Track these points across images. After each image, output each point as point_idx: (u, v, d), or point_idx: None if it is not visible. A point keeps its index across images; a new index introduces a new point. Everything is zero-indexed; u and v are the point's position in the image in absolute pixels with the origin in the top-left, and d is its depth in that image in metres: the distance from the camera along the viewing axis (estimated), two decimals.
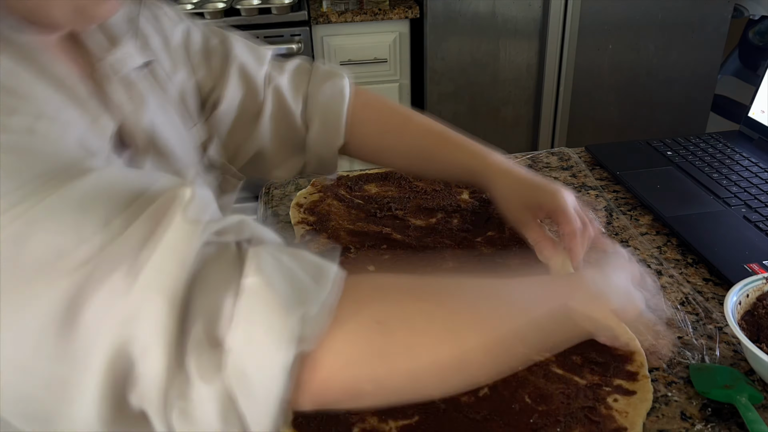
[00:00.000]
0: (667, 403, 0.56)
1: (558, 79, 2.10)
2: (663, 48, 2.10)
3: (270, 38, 1.94)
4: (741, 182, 0.89)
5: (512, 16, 2.01)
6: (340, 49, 2.03)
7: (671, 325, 0.65)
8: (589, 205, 0.88)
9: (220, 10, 1.91)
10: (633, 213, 0.86)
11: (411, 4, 2.04)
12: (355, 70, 2.07)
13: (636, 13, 2.03)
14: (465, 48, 2.04)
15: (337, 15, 1.97)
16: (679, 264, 0.75)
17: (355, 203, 0.85)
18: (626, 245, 0.79)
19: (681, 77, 2.17)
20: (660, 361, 0.60)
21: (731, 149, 0.98)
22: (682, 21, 2.07)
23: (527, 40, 2.05)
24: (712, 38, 2.11)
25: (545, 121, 2.17)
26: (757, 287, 0.62)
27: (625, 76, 2.14)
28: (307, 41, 1.96)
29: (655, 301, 0.56)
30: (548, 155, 1.03)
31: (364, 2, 2.04)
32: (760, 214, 0.81)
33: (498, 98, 2.14)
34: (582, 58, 2.08)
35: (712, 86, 2.21)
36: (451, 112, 2.14)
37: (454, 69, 2.07)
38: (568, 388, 0.56)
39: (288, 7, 1.94)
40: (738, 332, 0.55)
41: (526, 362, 0.56)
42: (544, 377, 0.57)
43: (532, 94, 2.15)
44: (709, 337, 0.64)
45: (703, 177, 0.91)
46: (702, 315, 0.67)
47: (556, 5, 1.98)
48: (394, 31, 2.04)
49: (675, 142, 1.02)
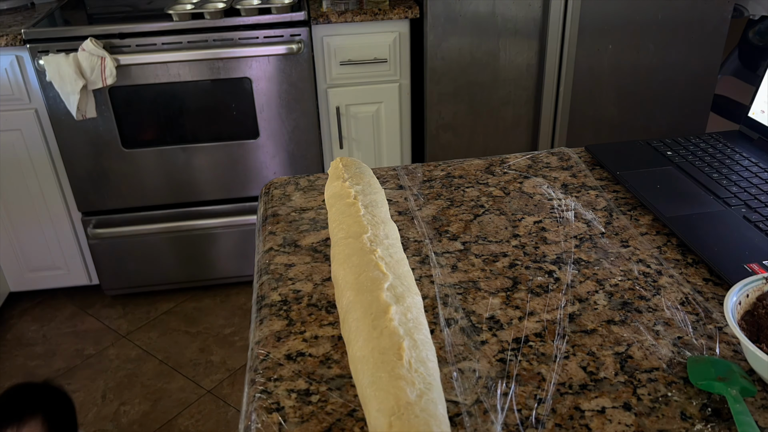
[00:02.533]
0: (667, 403, 0.56)
1: (558, 79, 2.10)
2: (663, 48, 2.10)
3: (270, 38, 1.95)
4: (741, 182, 0.89)
5: (512, 16, 2.01)
6: (340, 49, 2.03)
7: (671, 325, 0.65)
8: (589, 205, 0.89)
9: (220, 10, 1.91)
10: (633, 213, 0.86)
11: (411, 4, 2.04)
12: (355, 70, 2.07)
13: (636, 13, 2.03)
14: (465, 48, 2.04)
15: (337, 15, 1.97)
16: (679, 264, 0.75)
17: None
18: (626, 245, 0.79)
19: (681, 77, 2.17)
20: (660, 361, 0.60)
21: (731, 149, 0.98)
22: (682, 21, 2.07)
23: (527, 40, 2.05)
24: (712, 38, 2.11)
25: (545, 121, 2.17)
26: (757, 287, 0.62)
27: (625, 76, 2.14)
28: (307, 41, 1.96)
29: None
30: (548, 155, 1.03)
31: (364, 2, 2.04)
32: (760, 214, 0.81)
33: (498, 98, 2.14)
34: (582, 58, 2.08)
35: (712, 86, 2.21)
36: (451, 112, 2.14)
37: (454, 69, 2.07)
38: None
39: (288, 7, 1.94)
40: (738, 332, 0.55)
41: None
42: None
43: (532, 94, 2.15)
44: (709, 337, 0.64)
45: (703, 177, 0.91)
46: (702, 315, 0.67)
47: (556, 5, 1.98)
48: (394, 31, 2.04)
49: (675, 142, 1.02)
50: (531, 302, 0.69)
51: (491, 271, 0.75)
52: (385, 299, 0.60)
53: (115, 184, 2.11)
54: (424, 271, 0.75)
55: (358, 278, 0.64)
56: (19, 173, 2.07)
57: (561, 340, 0.64)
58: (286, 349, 0.63)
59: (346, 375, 0.60)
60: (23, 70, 1.93)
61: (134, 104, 2.00)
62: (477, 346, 0.63)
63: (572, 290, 0.71)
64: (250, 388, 0.59)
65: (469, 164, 1.02)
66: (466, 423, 0.54)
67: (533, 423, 0.54)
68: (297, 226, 0.86)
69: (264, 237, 0.84)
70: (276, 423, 0.55)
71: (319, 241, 0.82)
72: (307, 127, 2.11)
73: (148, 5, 2.15)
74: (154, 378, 1.98)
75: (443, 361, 0.61)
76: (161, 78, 1.97)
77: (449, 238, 0.82)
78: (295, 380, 0.59)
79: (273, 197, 0.94)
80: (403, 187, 0.95)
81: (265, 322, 0.68)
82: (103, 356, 2.08)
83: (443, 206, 0.90)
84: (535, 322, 0.66)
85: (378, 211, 0.77)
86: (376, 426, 0.49)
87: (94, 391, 1.93)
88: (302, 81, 2.03)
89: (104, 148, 2.04)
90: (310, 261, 0.78)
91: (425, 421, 0.49)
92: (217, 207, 2.22)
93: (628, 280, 0.73)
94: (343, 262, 0.67)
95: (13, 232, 2.17)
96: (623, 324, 0.66)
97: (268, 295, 0.72)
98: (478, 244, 0.80)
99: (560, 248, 0.79)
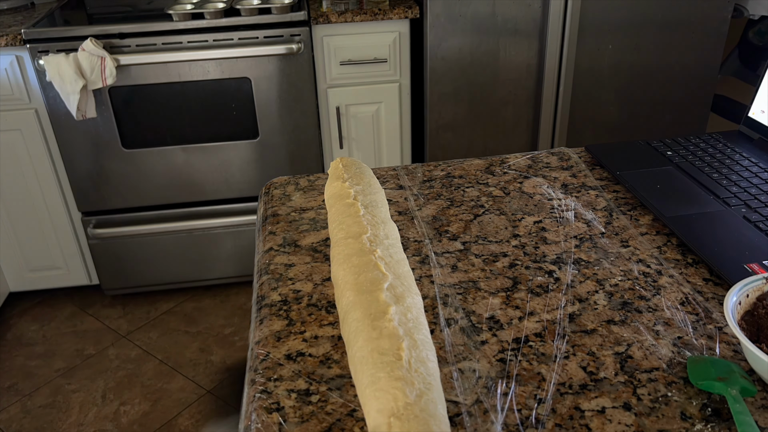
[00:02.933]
0: (667, 403, 0.56)
1: (558, 79, 2.10)
2: (663, 48, 2.10)
3: (270, 38, 1.95)
4: (741, 182, 0.89)
5: (512, 16, 2.01)
6: (340, 49, 2.03)
7: (671, 325, 0.65)
8: (589, 205, 0.89)
9: (220, 10, 1.91)
10: (633, 213, 0.86)
11: (411, 4, 2.04)
12: (355, 70, 2.07)
13: (636, 13, 2.03)
14: (465, 48, 2.04)
15: (337, 15, 1.97)
16: (679, 264, 0.75)
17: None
18: (626, 245, 0.79)
19: (681, 77, 2.17)
20: (660, 361, 0.60)
21: (731, 149, 0.98)
22: (682, 21, 2.07)
23: (527, 40, 2.05)
24: (712, 38, 2.11)
25: (545, 121, 2.17)
26: (757, 287, 0.62)
27: (625, 76, 2.14)
28: (307, 41, 1.96)
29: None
30: (548, 155, 1.03)
31: (364, 2, 2.04)
32: (760, 214, 0.81)
33: (498, 98, 2.14)
34: (582, 58, 2.08)
35: (712, 86, 2.21)
36: (451, 112, 2.14)
37: (454, 69, 2.07)
38: None
39: (288, 7, 1.94)
40: (738, 332, 0.55)
41: None
42: None
43: (532, 94, 2.15)
44: (709, 337, 0.64)
45: (703, 177, 0.91)
46: (702, 315, 0.67)
47: (556, 5, 1.98)
48: (394, 31, 2.04)
49: (675, 142, 1.02)
50: (531, 302, 0.69)
51: (491, 271, 0.75)
52: (385, 299, 0.60)
53: (114, 184, 2.11)
54: (424, 271, 0.75)
55: (358, 278, 0.64)
56: (19, 173, 2.07)
57: (561, 340, 0.64)
58: (286, 349, 0.63)
59: (346, 375, 0.60)
60: (23, 70, 1.93)
61: (134, 104, 2.00)
62: (477, 346, 0.63)
63: (572, 290, 0.71)
64: (250, 388, 0.59)
65: (469, 164, 1.02)
66: (466, 423, 0.54)
67: (533, 423, 0.54)
68: (297, 226, 0.86)
69: (264, 237, 0.84)
70: (276, 423, 0.55)
71: (319, 241, 0.82)
72: (307, 127, 2.11)
73: (148, 5, 2.15)
74: (154, 378, 1.98)
75: (443, 361, 0.61)
76: (161, 78, 1.97)
77: (449, 238, 0.82)
78: (295, 380, 0.59)
79: (273, 197, 0.94)
80: (403, 187, 0.95)
81: (265, 322, 0.68)
82: (103, 356, 2.08)
83: (443, 206, 0.90)
84: (535, 322, 0.66)
85: (378, 211, 0.77)
86: (375, 427, 0.49)
87: (94, 391, 1.93)
88: (302, 81, 2.03)
89: (104, 148, 2.04)
90: (310, 261, 0.78)
91: (425, 421, 0.49)
92: (217, 207, 2.22)
93: (628, 280, 0.73)
94: (342, 263, 0.67)
95: (13, 232, 2.17)
96: (623, 324, 0.66)
97: (268, 295, 0.72)
98: (478, 244, 0.80)
99: (560, 248, 0.79)
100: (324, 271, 0.76)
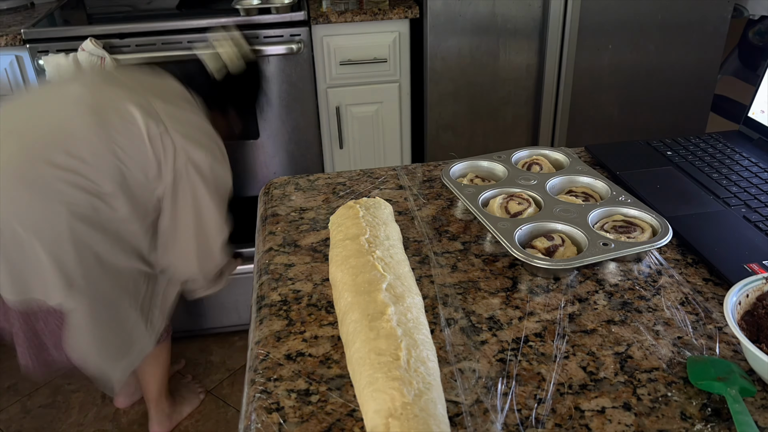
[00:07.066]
0: (667, 403, 0.56)
1: (558, 79, 2.10)
2: (663, 48, 2.10)
3: (270, 38, 1.95)
4: (741, 182, 0.89)
5: (512, 16, 2.01)
6: (340, 49, 2.03)
7: (671, 325, 0.65)
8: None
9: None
10: None
11: (411, 4, 2.04)
12: (355, 70, 2.07)
13: (636, 13, 2.03)
14: (465, 48, 2.04)
15: (336, 15, 1.97)
16: (679, 264, 0.75)
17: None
18: None
19: (681, 77, 2.17)
20: (660, 361, 0.60)
21: (731, 149, 0.98)
22: (682, 21, 2.07)
23: (527, 40, 2.05)
24: (712, 38, 2.11)
25: (545, 121, 2.17)
26: (757, 287, 0.62)
27: (625, 76, 2.14)
28: (307, 41, 1.96)
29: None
30: None
31: (364, 2, 2.04)
32: (760, 214, 0.81)
33: (498, 98, 2.14)
34: (582, 58, 2.08)
35: (712, 86, 2.21)
36: (451, 112, 2.14)
37: (454, 69, 2.07)
38: None
39: (288, 7, 1.94)
40: (738, 332, 0.55)
41: None
42: None
43: (532, 94, 2.15)
44: (709, 337, 0.64)
45: (703, 177, 0.91)
46: (702, 315, 0.67)
47: (556, 5, 1.98)
48: (394, 31, 2.04)
49: (675, 142, 1.02)
50: (531, 302, 0.69)
51: (491, 271, 0.75)
52: (383, 300, 0.60)
53: None
54: (424, 271, 0.75)
55: (356, 280, 0.64)
56: None
57: (561, 340, 0.64)
58: (285, 349, 0.63)
59: (345, 375, 0.60)
60: (23, 70, 1.93)
61: None
62: (477, 346, 0.63)
63: (572, 290, 0.71)
64: (250, 388, 0.59)
65: None
66: (467, 423, 0.54)
67: (533, 423, 0.54)
68: (297, 226, 0.86)
69: (264, 237, 0.84)
70: (276, 423, 0.55)
71: (319, 241, 0.82)
72: (307, 127, 2.11)
73: (148, 5, 2.15)
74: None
75: (443, 361, 0.61)
76: None
77: (449, 238, 0.82)
78: (295, 380, 0.59)
79: (273, 197, 0.94)
80: (403, 187, 0.95)
81: (264, 322, 0.68)
82: None
83: (443, 206, 0.90)
84: (535, 322, 0.66)
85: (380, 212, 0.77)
86: (373, 427, 0.49)
87: (94, 391, 1.93)
88: (302, 81, 2.03)
89: None
90: (310, 261, 0.78)
91: (424, 420, 0.49)
92: None
93: (628, 280, 0.73)
94: (341, 264, 0.67)
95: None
96: (623, 324, 0.66)
97: (268, 295, 0.72)
98: (478, 244, 0.80)
99: None
100: (324, 271, 0.76)
